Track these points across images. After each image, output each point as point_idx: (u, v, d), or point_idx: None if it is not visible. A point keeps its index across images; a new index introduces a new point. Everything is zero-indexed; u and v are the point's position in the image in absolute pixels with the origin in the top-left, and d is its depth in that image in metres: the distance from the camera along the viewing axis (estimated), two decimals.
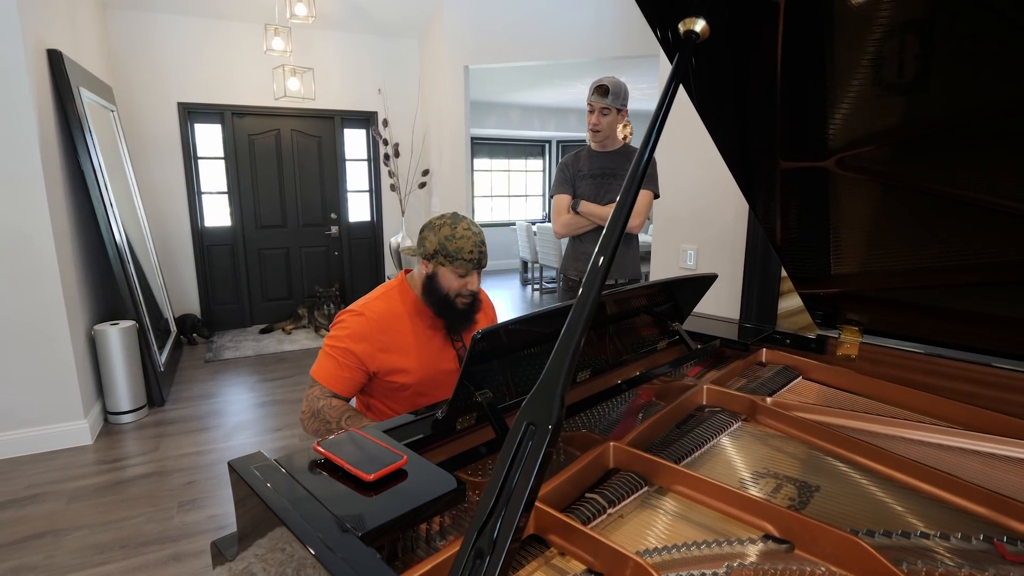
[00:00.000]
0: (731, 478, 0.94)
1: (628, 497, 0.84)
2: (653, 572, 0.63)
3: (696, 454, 1.00)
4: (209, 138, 4.60)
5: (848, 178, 1.17)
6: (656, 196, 2.23)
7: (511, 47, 4.19)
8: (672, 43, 0.76)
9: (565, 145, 8.64)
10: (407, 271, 1.48)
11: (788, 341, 1.47)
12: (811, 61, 0.95)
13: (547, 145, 8.65)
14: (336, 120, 4.94)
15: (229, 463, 0.73)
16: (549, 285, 7.19)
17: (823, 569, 0.70)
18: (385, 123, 4.88)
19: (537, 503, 0.74)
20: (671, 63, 0.75)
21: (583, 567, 0.70)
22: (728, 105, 1.07)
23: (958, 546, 0.75)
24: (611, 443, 0.92)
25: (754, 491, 0.89)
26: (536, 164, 8.75)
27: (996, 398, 1.19)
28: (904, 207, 1.17)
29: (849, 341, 1.38)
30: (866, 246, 1.31)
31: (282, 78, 4.02)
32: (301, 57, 4.45)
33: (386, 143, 4.90)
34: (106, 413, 2.99)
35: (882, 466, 0.94)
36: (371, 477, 0.69)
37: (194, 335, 4.52)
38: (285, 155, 4.86)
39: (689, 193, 2.60)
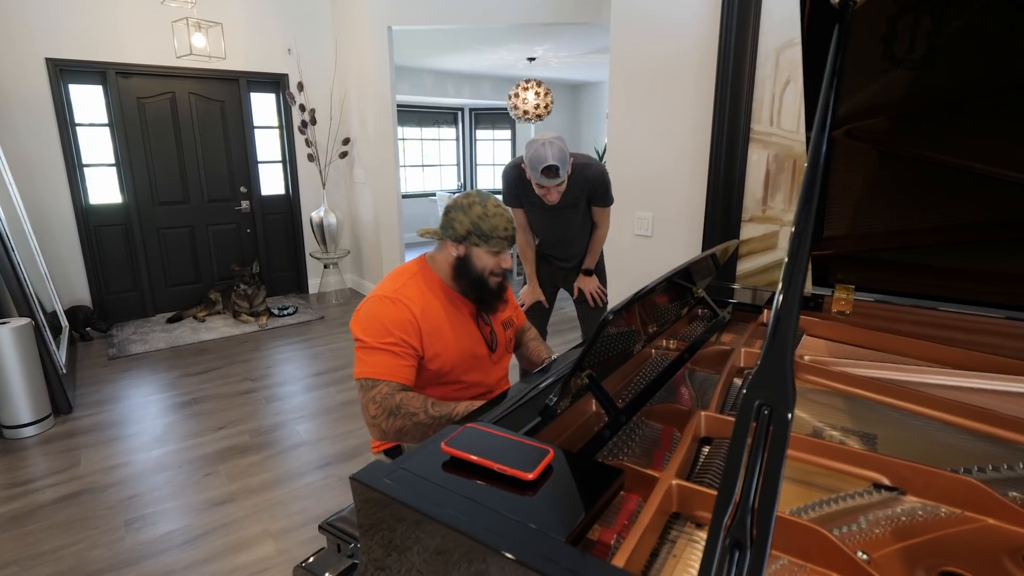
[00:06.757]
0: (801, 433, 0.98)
1: None
2: (834, 538, 0.64)
3: None
4: (89, 102, 3.94)
5: (852, 147, 1.25)
6: (611, 202, 2.31)
7: (437, 8, 3.97)
8: (825, 15, 0.74)
9: (479, 113, 8.46)
10: (424, 255, 1.40)
11: None
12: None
13: (460, 112, 8.43)
14: (241, 83, 4.43)
15: (353, 477, 0.64)
16: None
17: (943, 511, 0.76)
18: (300, 87, 4.47)
19: (676, 479, 0.72)
20: (829, 36, 0.73)
21: None
22: None
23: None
24: (701, 412, 0.92)
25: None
26: (449, 132, 8.51)
27: (974, 342, 1.34)
28: (895, 174, 1.26)
29: (843, 298, 1.49)
30: (857, 210, 1.40)
31: (186, 33, 3.51)
32: (201, 10, 3.91)
33: (303, 109, 4.50)
34: (1, 427, 2.55)
35: (928, 409, 1.03)
36: (532, 475, 0.63)
37: (88, 329, 3.95)
38: (183, 121, 4.30)
39: (645, 161, 2.64)
